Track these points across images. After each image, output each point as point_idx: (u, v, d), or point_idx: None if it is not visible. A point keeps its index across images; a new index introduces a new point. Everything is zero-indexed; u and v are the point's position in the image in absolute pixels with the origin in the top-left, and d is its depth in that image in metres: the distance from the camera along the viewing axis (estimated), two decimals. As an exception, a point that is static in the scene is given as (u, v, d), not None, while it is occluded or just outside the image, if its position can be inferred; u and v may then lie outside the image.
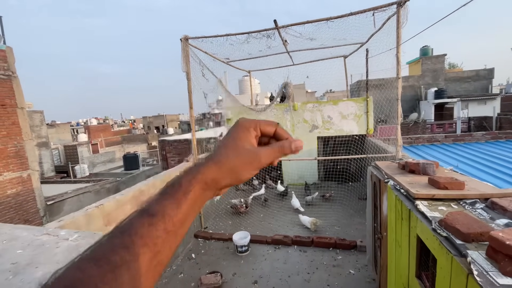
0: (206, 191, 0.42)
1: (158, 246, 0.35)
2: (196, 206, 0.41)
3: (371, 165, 3.32)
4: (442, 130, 15.44)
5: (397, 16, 3.77)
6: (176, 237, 0.38)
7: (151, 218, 0.36)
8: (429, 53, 20.04)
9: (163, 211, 0.37)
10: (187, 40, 4.70)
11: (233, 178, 0.44)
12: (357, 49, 6.65)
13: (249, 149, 0.45)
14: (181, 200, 0.39)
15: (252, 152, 0.45)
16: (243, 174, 0.44)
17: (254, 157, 0.45)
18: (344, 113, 7.28)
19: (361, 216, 5.30)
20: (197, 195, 0.40)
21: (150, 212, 0.36)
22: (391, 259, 2.47)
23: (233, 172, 0.43)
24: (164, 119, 37.30)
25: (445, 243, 1.43)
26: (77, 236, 1.42)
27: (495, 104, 16.99)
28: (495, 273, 1.15)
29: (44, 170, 14.91)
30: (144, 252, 0.33)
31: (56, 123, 26.68)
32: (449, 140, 7.08)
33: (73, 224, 2.62)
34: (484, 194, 1.88)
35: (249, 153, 0.44)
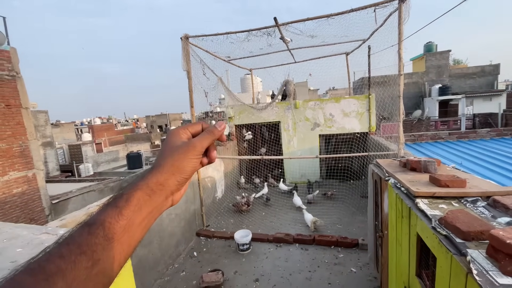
0: (153, 196, 0.43)
1: (98, 253, 0.35)
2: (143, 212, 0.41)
3: (372, 163, 3.29)
4: (447, 127, 15.28)
5: (398, 12, 3.72)
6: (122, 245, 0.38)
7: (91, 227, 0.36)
8: (433, 49, 19.79)
9: (103, 219, 0.37)
10: (188, 38, 4.70)
11: (177, 174, 0.45)
12: (359, 46, 6.59)
13: (181, 143, 0.48)
14: (123, 207, 0.39)
15: (184, 144, 0.48)
16: (185, 165, 0.46)
17: (188, 146, 0.47)
18: (346, 111, 7.23)
19: (363, 214, 5.28)
20: (142, 201, 0.41)
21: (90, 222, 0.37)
22: (392, 257, 2.45)
23: (174, 167, 0.45)
24: (167, 118, 37.43)
25: (445, 241, 1.41)
26: (75, 235, 1.43)
27: (501, 101, 16.75)
28: (495, 273, 1.13)
29: (49, 169, 15.07)
30: (81, 260, 0.33)
31: (61, 123, 26.91)
32: (453, 137, 7.00)
33: (74, 222, 2.64)
34: (486, 192, 1.85)
35: (182, 145, 0.47)
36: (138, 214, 0.41)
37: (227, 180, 7.10)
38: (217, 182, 6.43)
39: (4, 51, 6.87)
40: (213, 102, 7.37)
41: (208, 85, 5.35)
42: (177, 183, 0.46)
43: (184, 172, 0.46)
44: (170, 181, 0.45)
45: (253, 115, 7.81)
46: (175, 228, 4.42)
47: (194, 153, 0.48)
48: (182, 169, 0.46)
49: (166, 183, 0.44)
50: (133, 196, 0.41)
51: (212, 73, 5.54)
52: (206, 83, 5.29)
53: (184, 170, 0.46)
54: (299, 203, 5.86)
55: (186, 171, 0.46)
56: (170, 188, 0.45)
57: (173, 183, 0.45)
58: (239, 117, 8.00)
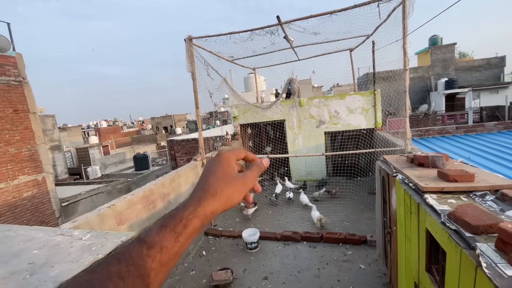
0: (205, 223, 0.44)
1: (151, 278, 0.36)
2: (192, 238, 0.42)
3: (379, 159, 3.28)
4: (454, 121, 15.08)
5: (403, 6, 3.69)
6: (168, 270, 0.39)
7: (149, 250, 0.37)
8: (439, 43, 19.50)
9: (161, 243, 0.38)
10: (191, 40, 4.73)
11: (227, 206, 0.47)
12: (363, 41, 6.54)
13: (237, 177, 0.49)
14: (181, 234, 0.40)
15: (240, 179, 0.49)
16: (235, 200, 0.48)
17: (243, 183, 0.49)
18: (351, 107, 7.20)
19: (371, 211, 5.26)
20: (196, 228, 0.42)
21: (149, 242, 0.37)
22: (401, 253, 2.45)
23: (228, 200, 0.47)
24: (172, 119, 37.69)
25: (454, 236, 1.42)
26: (90, 235, 1.47)
27: (508, 93, 16.44)
28: (504, 265, 1.14)
29: (57, 172, 15.33)
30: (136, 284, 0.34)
31: (68, 127, 27.32)
32: (460, 131, 6.91)
33: (86, 224, 2.71)
34: (495, 186, 1.84)
35: (238, 180, 0.49)
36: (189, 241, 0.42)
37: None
38: (224, 182, 6.47)
39: (10, 57, 7.00)
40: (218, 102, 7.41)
41: (212, 85, 5.39)
42: (222, 211, 0.47)
43: (232, 206, 0.48)
44: (220, 210, 0.46)
45: (257, 114, 7.83)
46: (184, 228, 4.47)
47: (248, 188, 0.50)
48: (234, 202, 0.48)
49: (217, 212, 0.46)
50: (190, 223, 0.41)
51: (216, 73, 5.57)
52: (210, 84, 5.33)
53: (235, 203, 0.48)
54: (306, 200, 5.87)
55: (234, 205, 0.49)
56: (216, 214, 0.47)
57: (221, 211, 0.47)
58: (243, 116, 8.03)
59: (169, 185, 4.24)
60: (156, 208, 3.85)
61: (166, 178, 4.26)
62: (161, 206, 3.98)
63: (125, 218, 3.27)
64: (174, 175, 4.44)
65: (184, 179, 4.68)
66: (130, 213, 3.36)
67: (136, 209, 3.48)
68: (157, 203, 3.90)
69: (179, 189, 4.50)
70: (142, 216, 3.57)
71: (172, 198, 4.26)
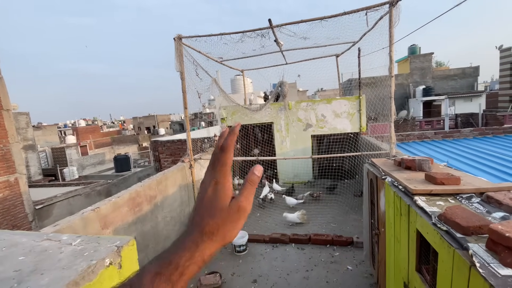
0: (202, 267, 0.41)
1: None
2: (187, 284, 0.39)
3: (367, 162, 3.37)
4: (431, 127, 15.83)
5: (389, 15, 3.84)
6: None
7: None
8: (417, 52, 20.47)
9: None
10: (181, 39, 4.65)
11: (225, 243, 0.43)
12: (349, 48, 6.73)
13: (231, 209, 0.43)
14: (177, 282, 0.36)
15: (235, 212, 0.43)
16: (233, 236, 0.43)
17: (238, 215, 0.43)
18: (337, 112, 7.36)
19: (356, 213, 5.39)
20: (193, 274, 0.39)
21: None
22: (390, 254, 2.52)
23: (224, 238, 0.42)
24: (155, 119, 36.80)
25: (446, 236, 1.47)
26: (80, 240, 1.39)
27: (481, 101, 17.53)
28: (496, 265, 1.19)
29: (31, 173, 14.50)
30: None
31: (43, 125, 25.93)
32: (438, 136, 7.25)
33: (69, 228, 2.56)
34: (480, 189, 1.94)
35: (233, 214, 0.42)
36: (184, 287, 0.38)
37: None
38: (211, 184, 6.38)
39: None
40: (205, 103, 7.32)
41: (201, 86, 5.32)
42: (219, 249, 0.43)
43: (231, 241, 0.44)
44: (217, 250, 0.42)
45: (246, 116, 7.81)
46: (170, 231, 4.36)
47: (245, 218, 0.44)
48: (232, 238, 0.43)
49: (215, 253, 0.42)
50: (188, 270, 0.38)
51: (205, 74, 5.51)
52: (199, 84, 5.26)
53: (232, 239, 0.43)
54: (294, 202, 5.90)
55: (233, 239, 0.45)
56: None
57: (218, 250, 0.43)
58: (231, 118, 7.99)
59: (156, 187, 4.12)
60: (142, 211, 3.72)
61: (153, 180, 4.13)
62: (148, 209, 3.85)
63: (110, 222, 3.13)
64: (161, 177, 4.32)
65: (171, 181, 4.56)
66: (115, 216, 3.23)
67: (122, 212, 3.35)
68: (144, 206, 3.78)
69: (166, 191, 4.38)
70: (128, 220, 3.44)
71: (159, 201, 4.14)
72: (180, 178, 4.89)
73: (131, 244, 1.35)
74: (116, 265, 1.24)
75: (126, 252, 1.31)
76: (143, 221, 3.69)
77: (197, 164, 5.49)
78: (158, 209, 4.08)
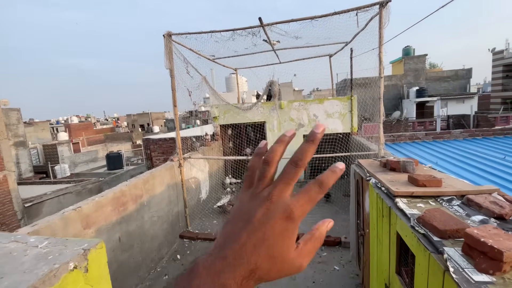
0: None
1: None
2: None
3: (354, 163, 3.36)
4: (423, 127, 15.97)
5: (379, 16, 3.83)
6: None
7: None
8: (411, 53, 20.65)
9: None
10: (170, 36, 4.59)
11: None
12: (342, 48, 6.73)
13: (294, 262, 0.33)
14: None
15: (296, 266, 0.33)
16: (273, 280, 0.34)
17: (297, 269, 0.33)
18: (329, 112, 7.36)
19: (346, 213, 5.39)
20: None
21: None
22: (373, 255, 2.52)
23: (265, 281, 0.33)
24: (149, 117, 36.51)
25: (423, 240, 1.46)
26: (47, 243, 1.35)
27: (473, 103, 17.75)
28: (471, 270, 1.18)
29: (21, 170, 14.24)
30: None
31: (34, 121, 25.53)
32: (429, 137, 7.31)
33: (48, 228, 2.50)
34: (461, 191, 1.94)
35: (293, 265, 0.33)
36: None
37: (211, 181, 7.01)
38: (202, 183, 6.34)
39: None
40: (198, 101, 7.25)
41: (192, 84, 5.26)
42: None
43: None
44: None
45: (238, 115, 7.77)
46: (157, 231, 4.31)
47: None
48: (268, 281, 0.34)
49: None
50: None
51: (196, 72, 5.45)
52: (190, 82, 5.20)
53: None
54: None
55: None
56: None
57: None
58: (224, 117, 7.94)
59: (142, 187, 4.06)
60: (127, 210, 3.66)
61: (139, 179, 4.07)
62: (133, 208, 3.79)
63: (93, 222, 3.07)
64: (148, 176, 4.26)
65: (159, 180, 4.50)
66: (98, 216, 3.16)
67: (105, 212, 3.28)
68: (129, 205, 3.71)
69: (153, 190, 4.32)
70: (112, 219, 3.38)
71: (146, 200, 4.08)
72: (169, 177, 4.83)
73: (100, 247, 1.30)
74: (81, 269, 1.20)
75: (94, 255, 1.27)
76: (128, 221, 3.63)
77: (187, 163, 5.44)
78: (145, 209, 4.02)
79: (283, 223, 0.32)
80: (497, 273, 1.11)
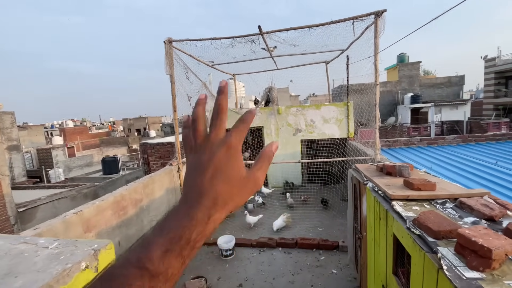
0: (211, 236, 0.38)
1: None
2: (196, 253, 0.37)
3: (351, 167, 3.45)
4: (418, 133, 16.22)
5: (375, 26, 3.96)
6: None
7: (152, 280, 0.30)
8: (406, 60, 21.06)
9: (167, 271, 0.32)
10: (171, 42, 4.67)
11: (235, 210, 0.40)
12: (338, 55, 6.87)
13: (247, 178, 0.40)
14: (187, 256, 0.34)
15: (250, 182, 0.40)
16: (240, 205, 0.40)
17: (256, 183, 0.40)
18: (326, 117, 7.48)
19: (343, 217, 5.45)
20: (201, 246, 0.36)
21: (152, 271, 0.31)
22: (370, 257, 2.58)
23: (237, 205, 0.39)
24: (145, 121, 36.38)
25: (418, 240, 1.53)
26: (57, 244, 1.39)
27: (466, 109, 18.11)
28: (463, 268, 1.25)
29: (15, 175, 14.07)
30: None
31: (29, 125, 25.27)
32: (424, 143, 7.46)
33: (50, 231, 2.52)
34: (454, 195, 2.03)
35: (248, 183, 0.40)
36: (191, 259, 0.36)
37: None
38: (199, 187, 6.35)
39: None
40: (196, 106, 7.28)
41: (191, 89, 5.33)
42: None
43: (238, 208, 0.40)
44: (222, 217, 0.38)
45: (235, 121, 7.84)
46: (156, 235, 4.32)
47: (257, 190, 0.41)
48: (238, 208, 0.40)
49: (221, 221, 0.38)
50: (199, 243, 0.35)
51: (195, 77, 5.52)
52: (189, 87, 5.26)
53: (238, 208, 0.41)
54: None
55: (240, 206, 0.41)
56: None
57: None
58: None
59: (142, 191, 4.09)
60: (127, 214, 3.68)
61: (139, 183, 4.10)
62: (133, 212, 3.81)
63: (93, 225, 3.09)
64: (147, 180, 4.29)
65: (158, 184, 4.53)
66: (99, 220, 3.18)
67: (106, 215, 3.31)
68: (129, 209, 3.74)
69: (153, 195, 4.35)
70: (112, 223, 3.40)
71: (145, 204, 4.10)
72: (168, 182, 4.86)
73: (109, 247, 1.35)
74: (92, 269, 1.25)
75: (104, 255, 1.31)
76: (128, 225, 3.65)
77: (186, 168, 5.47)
78: (144, 213, 4.04)
79: (226, 152, 0.39)
80: (486, 270, 1.19)
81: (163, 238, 0.33)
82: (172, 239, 0.33)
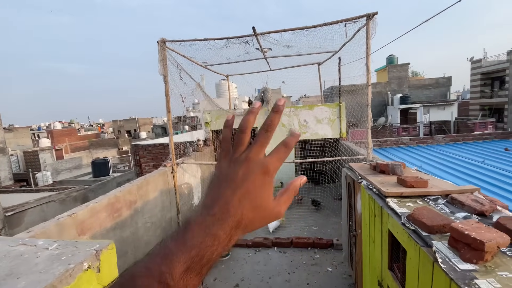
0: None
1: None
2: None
3: (345, 166, 3.51)
4: (407, 133, 16.57)
5: (366, 28, 4.05)
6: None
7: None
8: (395, 62, 21.51)
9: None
10: (164, 43, 4.64)
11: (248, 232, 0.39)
12: (330, 57, 6.97)
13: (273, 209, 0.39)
14: (204, 274, 0.34)
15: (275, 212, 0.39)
16: (258, 228, 0.40)
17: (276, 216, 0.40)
18: (319, 118, 7.57)
19: (337, 216, 5.53)
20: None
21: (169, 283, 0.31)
22: (366, 254, 2.64)
23: (254, 229, 0.39)
24: (136, 122, 35.89)
25: (413, 235, 1.59)
26: (57, 245, 1.37)
27: (453, 110, 18.63)
28: (457, 260, 1.31)
29: (1, 178, 13.65)
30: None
31: (15, 127, 24.56)
32: (413, 142, 7.64)
33: (44, 234, 2.47)
34: (445, 191, 2.10)
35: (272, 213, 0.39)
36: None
37: (204, 186, 7.01)
38: (194, 189, 6.33)
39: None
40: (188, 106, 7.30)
41: (185, 89, 5.30)
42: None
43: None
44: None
45: (230, 121, 7.84)
46: (151, 237, 4.28)
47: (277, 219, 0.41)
48: (255, 230, 0.39)
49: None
50: (215, 262, 0.35)
51: (189, 78, 5.51)
52: (183, 88, 5.24)
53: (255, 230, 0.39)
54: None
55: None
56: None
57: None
58: (216, 122, 7.99)
59: (136, 192, 4.04)
60: (121, 216, 3.64)
61: (133, 185, 4.05)
62: (127, 214, 3.77)
63: (87, 228, 3.04)
64: (142, 181, 4.24)
65: (152, 186, 4.49)
66: (93, 222, 3.13)
67: (100, 217, 3.26)
68: (123, 211, 3.69)
69: (147, 196, 4.30)
70: (106, 225, 3.35)
71: (139, 206, 4.06)
72: (162, 183, 4.82)
73: (110, 248, 1.35)
74: (94, 269, 1.24)
75: (105, 256, 1.31)
76: (122, 227, 3.61)
77: (180, 169, 5.44)
78: (138, 215, 4.00)
79: (261, 178, 0.38)
80: (480, 262, 1.24)
81: (185, 256, 0.33)
82: (194, 257, 0.33)
